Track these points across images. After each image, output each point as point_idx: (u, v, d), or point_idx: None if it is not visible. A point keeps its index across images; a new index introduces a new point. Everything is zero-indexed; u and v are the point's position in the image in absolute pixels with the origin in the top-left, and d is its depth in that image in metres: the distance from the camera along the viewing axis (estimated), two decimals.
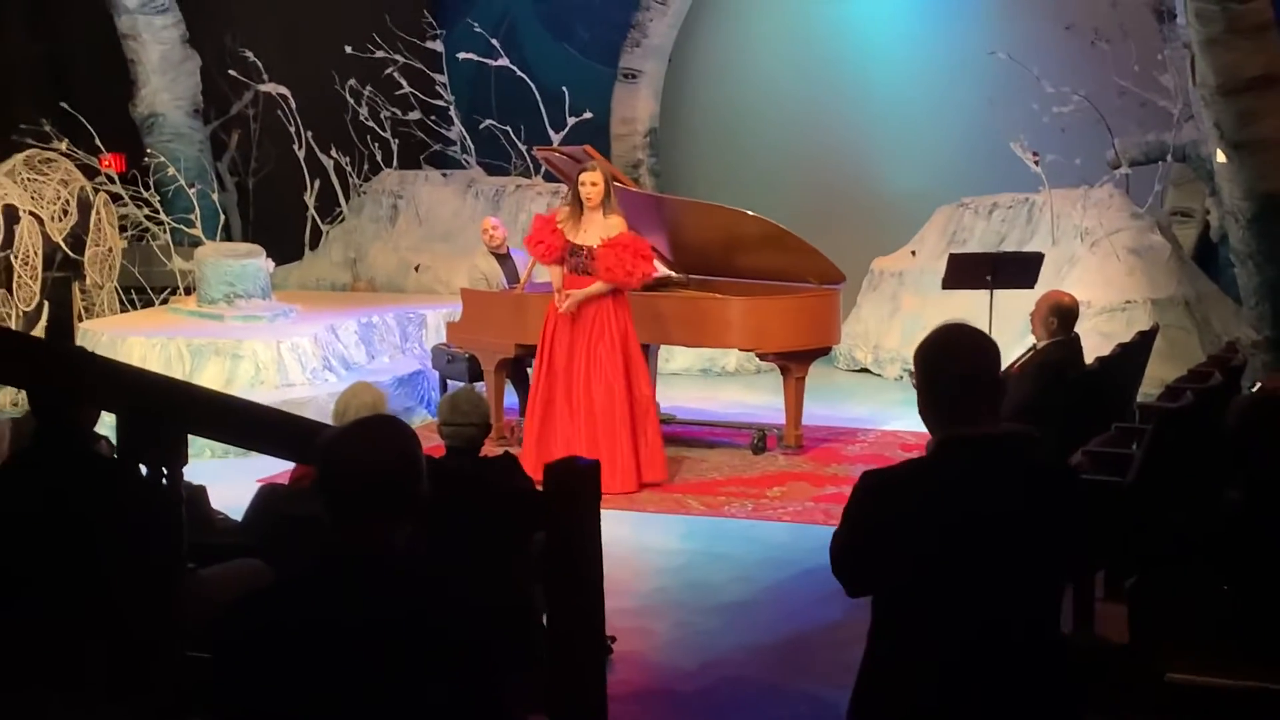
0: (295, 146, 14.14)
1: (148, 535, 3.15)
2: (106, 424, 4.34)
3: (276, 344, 10.60)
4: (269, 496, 5.56)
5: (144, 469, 3.19)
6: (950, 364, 3.13)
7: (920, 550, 3.02)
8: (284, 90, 14.08)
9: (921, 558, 3.02)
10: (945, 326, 3.25)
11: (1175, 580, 5.31)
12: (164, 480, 3.06)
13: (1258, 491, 5.62)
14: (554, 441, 8.67)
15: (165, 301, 13.12)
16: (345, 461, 2.72)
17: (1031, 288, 9.66)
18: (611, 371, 8.72)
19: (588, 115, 13.74)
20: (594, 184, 8.69)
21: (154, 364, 10.49)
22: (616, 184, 10.12)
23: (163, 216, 13.79)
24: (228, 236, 14.25)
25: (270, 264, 11.90)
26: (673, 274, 10.65)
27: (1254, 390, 6.20)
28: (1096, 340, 9.95)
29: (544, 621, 4.28)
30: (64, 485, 3.97)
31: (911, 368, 3.44)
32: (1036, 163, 12.23)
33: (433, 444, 9.38)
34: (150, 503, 3.09)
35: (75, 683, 3.31)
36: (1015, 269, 9.87)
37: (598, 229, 8.67)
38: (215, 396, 3.44)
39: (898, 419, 10.97)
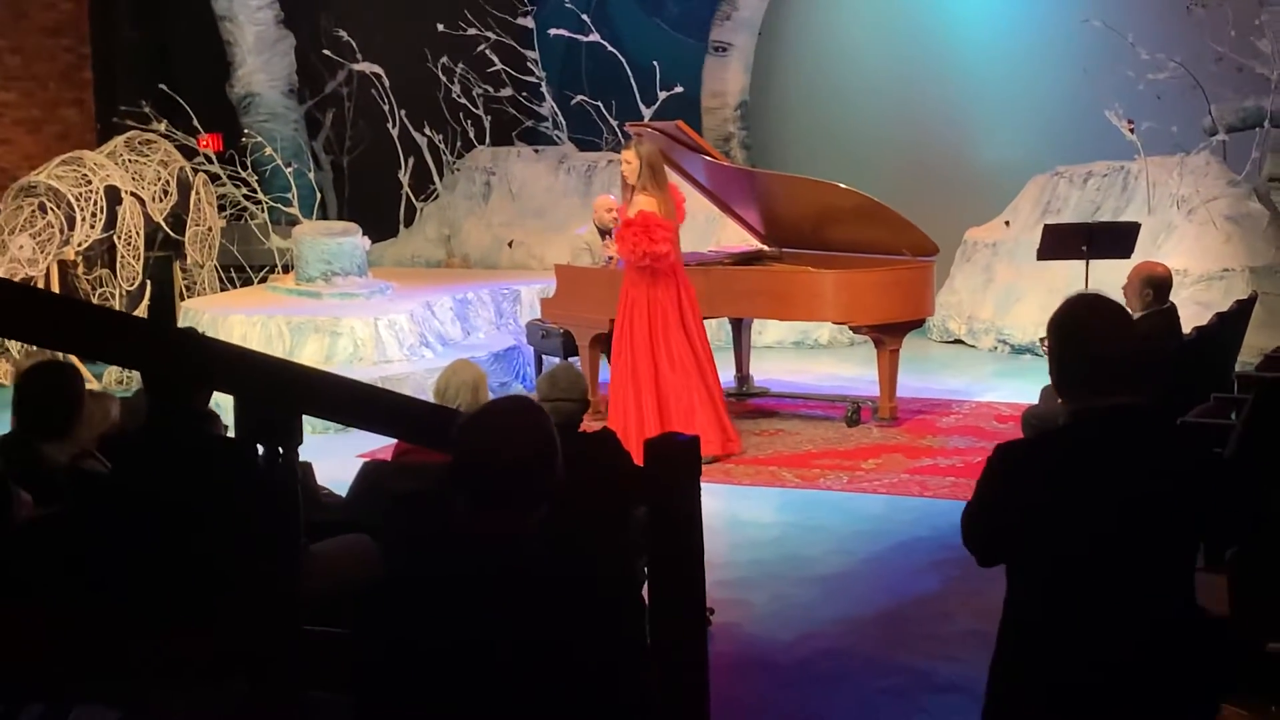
0: (389, 125, 14.29)
1: (267, 514, 3.25)
2: (216, 401, 4.47)
3: (374, 321, 10.75)
4: (373, 473, 5.65)
5: (261, 449, 3.29)
6: (1084, 336, 3.17)
7: (1053, 521, 3.07)
8: (377, 69, 14.23)
9: (1054, 528, 3.07)
10: (1078, 298, 3.29)
11: (1276, 551, 5.30)
12: (281, 460, 3.16)
13: None
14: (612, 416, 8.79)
15: (264, 280, 13.33)
16: (484, 448, 2.77)
17: (1128, 257, 9.59)
18: (639, 351, 8.79)
19: (678, 89, 13.76)
20: (627, 162, 8.77)
21: (254, 342, 10.70)
22: (707, 158, 10.19)
23: (260, 195, 14.01)
24: (324, 215, 14.45)
25: (367, 242, 12.05)
26: (764, 248, 10.68)
27: None
28: (1194, 309, 9.87)
29: (644, 593, 4.35)
30: (182, 464, 4.10)
31: (1044, 336, 3.47)
32: (1132, 130, 12.10)
33: None
34: (269, 482, 3.18)
35: (185, 664, 3.42)
36: (1111, 239, 9.80)
37: (632, 208, 8.75)
38: (328, 378, 3.53)
39: (992, 390, 10.95)
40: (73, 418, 4.69)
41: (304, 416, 3.41)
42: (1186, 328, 8.07)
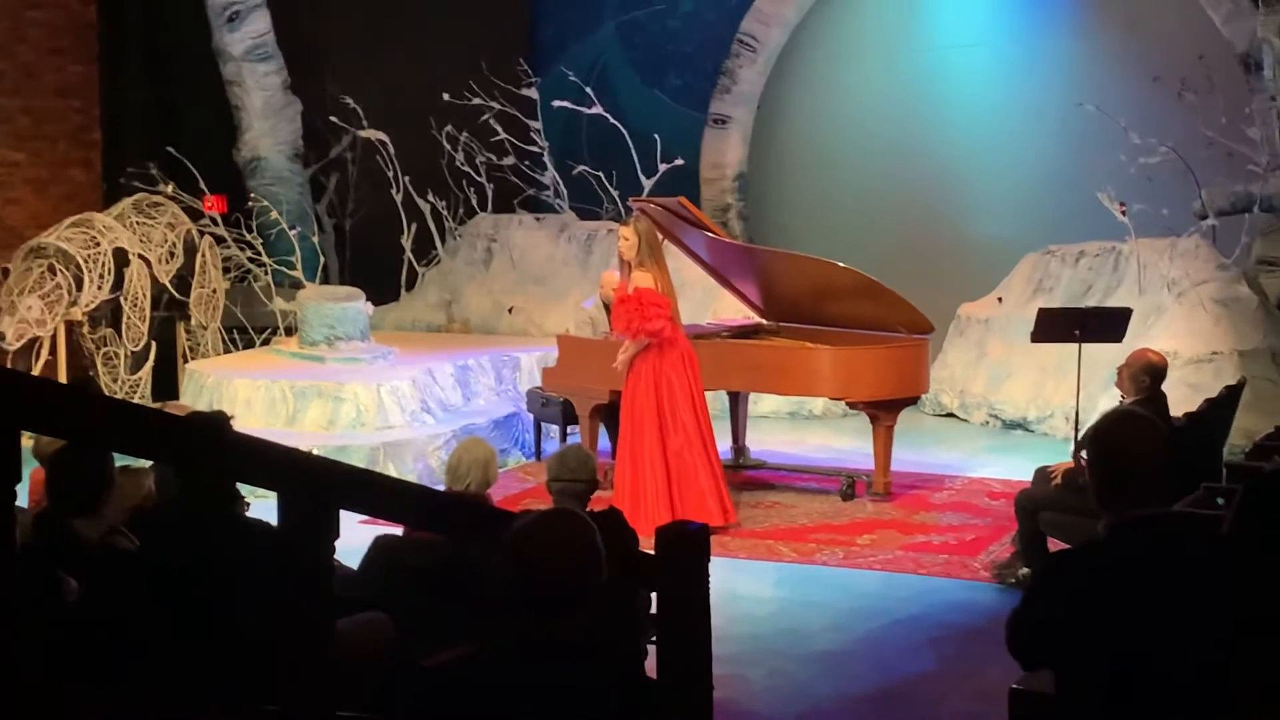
0: (393, 190, 14.50)
1: (302, 602, 3.41)
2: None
3: (377, 387, 10.90)
4: (385, 547, 5.77)
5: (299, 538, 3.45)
6: (1124, 452, 3.38)
7: (1099, 628, 3.25)
8: (383, 136, 14.45)
9: (1100, 635, 3.25)
10: (1115, 414, 3.54)
11: (1265, 641, 5.45)
12: (319, 552, 3.32)
13: None
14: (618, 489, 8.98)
15: (266, 342, 13.48)
16: (539, 558, 2.99)
17: (1119, 342, 9.79)
18: (640, 422, 8.95)
19: (679, 161, 14.00)
20: (625, 239, 8.99)
21: (258, 405, 10.87)
22: (708, 234, 10.40)
23: (264, 258, 14.18)
24: (326, 278, 14.63)
25: (370, 307, 12.22)
26: (763, 322, 10.88)
27: None
28: (1184, 391, 10.04)
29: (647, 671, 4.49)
30: (213, 544, 4.26)
31: (1078, 449, 3.69)
32: (1124, 212, 12.34)
33: (518, 489, 9.69)
34: (305, 573, 3.34)
35: None
36: (1104, 324, 9.99)
37: (631, 284, 8.94)
38: (362, 474, 3.71)
39: (984, 465, 11.12)
40: (103, 495, 4.84)
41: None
42: (1175, 410, 8.23)
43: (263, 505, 4.53)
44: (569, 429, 10.75)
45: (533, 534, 3.05)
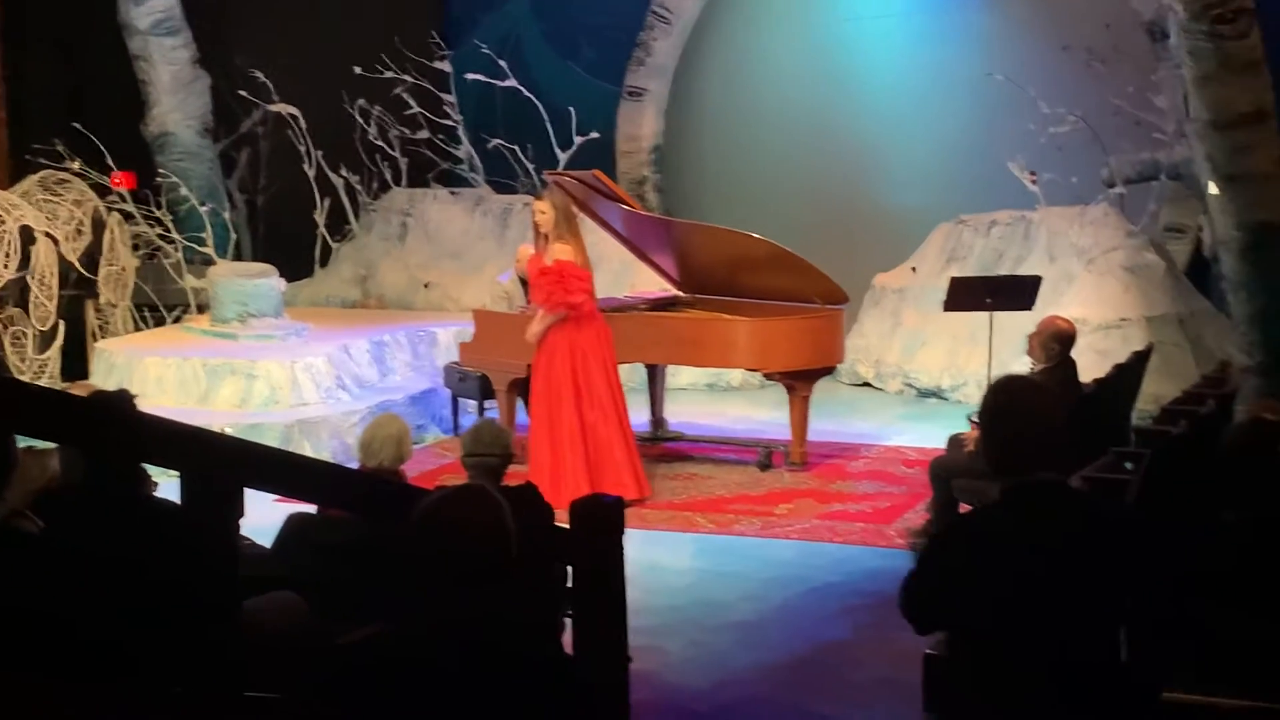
0: (305, 165, 14.36)
1: (205, 582, 3.37)
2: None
3: (291, 364, 10.80)
4: (298, 525, 5.71)
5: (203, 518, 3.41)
6: (1014, 417, 3.39)
7: (990, 593, 3.26)
8: (293, 110, 14.31)
9: (991, 600, 3.27)
10: (1007, 381, 3.53)
11: (1172, 602, 5.54)
12: (224, 532, 3.29)
13: (1253, 514, 5.85)
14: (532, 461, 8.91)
15: (178, 320, 13.34)
16: (446, 536, 2.96)
17: (1030, 309, 9.91)
18: (556, 396, 8.94)
19: (594, 134, 13.97)
20: (542, 212, 8.94)
21: (170, 384, 10.74)
22: (624, 207, 10.38)
23: (174, 235, 14.00)
24: (238, 254, 14.47)
25: (282, 283, 12.10)
26: (679, 294, 10.89)
27: (1245, 418, 6.41)
28: (1093, 358, 10.17)
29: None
30: (118, 525, 4.20)
31: (972, 415, 3.70)
32: (1034, 181, 12.46)
33: (435, 465, 9.66)
34: (208, 551, 3.31)
35: None
36: (1014, 291, 10.10)
37: (548, 256, 8.91)
38: (268, 452, 3.67)
39: (899, 434, 11.21)
40: (5, 477, 4.74)
41: None
42: (1085, 376, 8.34)
43: (172, 485, 4.48)
44: (486, 404, 10.71)
45: (439, 512, 3.03)
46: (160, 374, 10.85)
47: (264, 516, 5.67)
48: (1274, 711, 5.12)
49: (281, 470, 3.48)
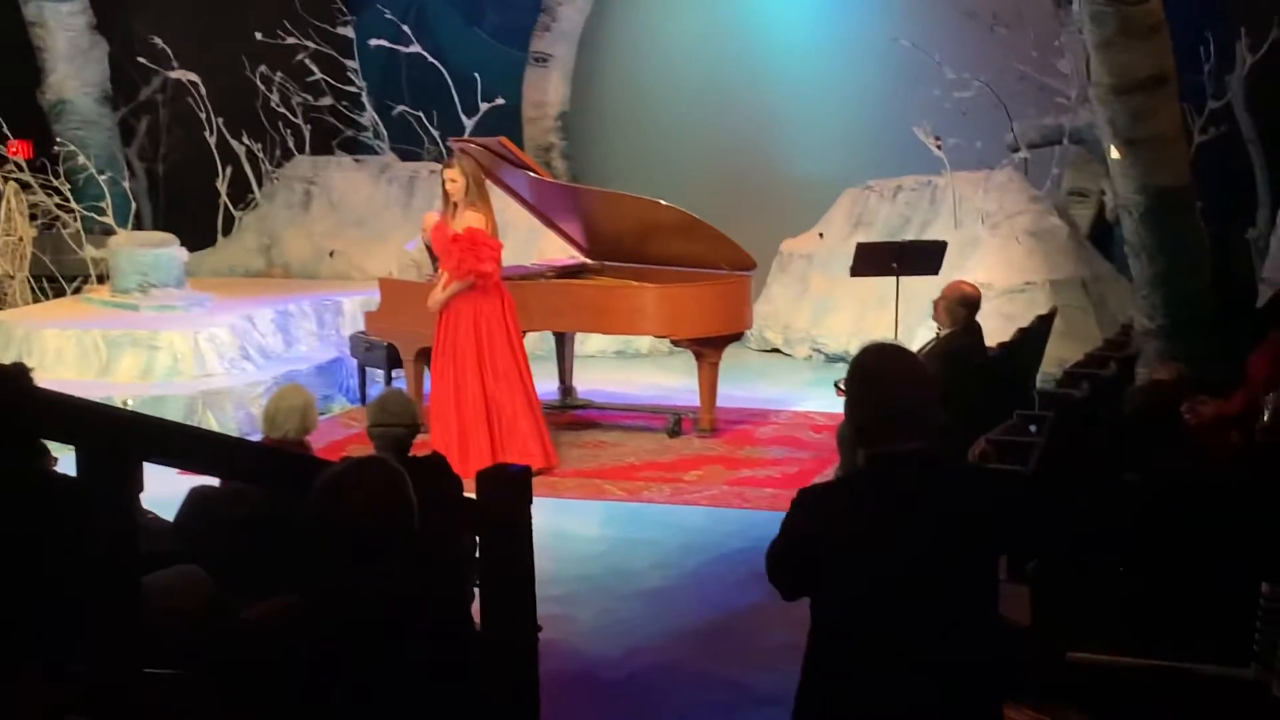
0: (206, 133, 14.14)
1: (106, 557, 3.31)
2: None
3: (194, 335, 10.66)
4: (201, 498, 5.64)
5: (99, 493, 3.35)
6: (881, 385, 3.33)
7: (853, 561, 3.24)
8: (194, 77, 14.07)
9: (854, 568, 3.24)
10: (875, 348, 3.44)
11: (1075, 563, 5.61)
12: (121, 507, 3.23)
13: (1153, 476, 5.95)
14: (433, 431, 8.84)
15: (78, 291, 13.10)
16: (346, 508, 2.92)
17: (936, 274, 9.98)
18: (462, 365, 8.89)
19: (500, 101, 13.87)
20: (452, 180, 8.86)
21: (70, 356, 10.56)
22: (531, 174, 10.32)
23: (73, 204, 13.74)
24: (138, 223, 14.25)
25: (184, 252, 11.93)
26: (587, 261, 10.85)
27: (1146, 381, 6.51)
28: (998, 321, 10.27)
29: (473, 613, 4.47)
30: (17, 501, 4.11)
31: (839, 382, 3.65)
32: (939, 147, 12.54)
33: (342, 435, 9.58)
34: (109, 528, 3.25)
35: (25, 706, 3.46)
36: (920, 256, 10.18)
37: (459, 224, 8.85)
38: (166, 425, 3.61)
39: (808, 399, 11.26)
40: None
41: None
42: (990, 340, 8.42)
43: (71, 460, 4.40)
44: (393, 373, 10.63)
45: (338, 484, 2.99)
46: (60, 346, 10.67)
47: (167, 489, 5.60)
48: (1176, 669, 5.21)
49: (182, 443, 3.42)
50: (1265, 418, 5.21)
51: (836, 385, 7.94)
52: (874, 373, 3.36)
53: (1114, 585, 5.55)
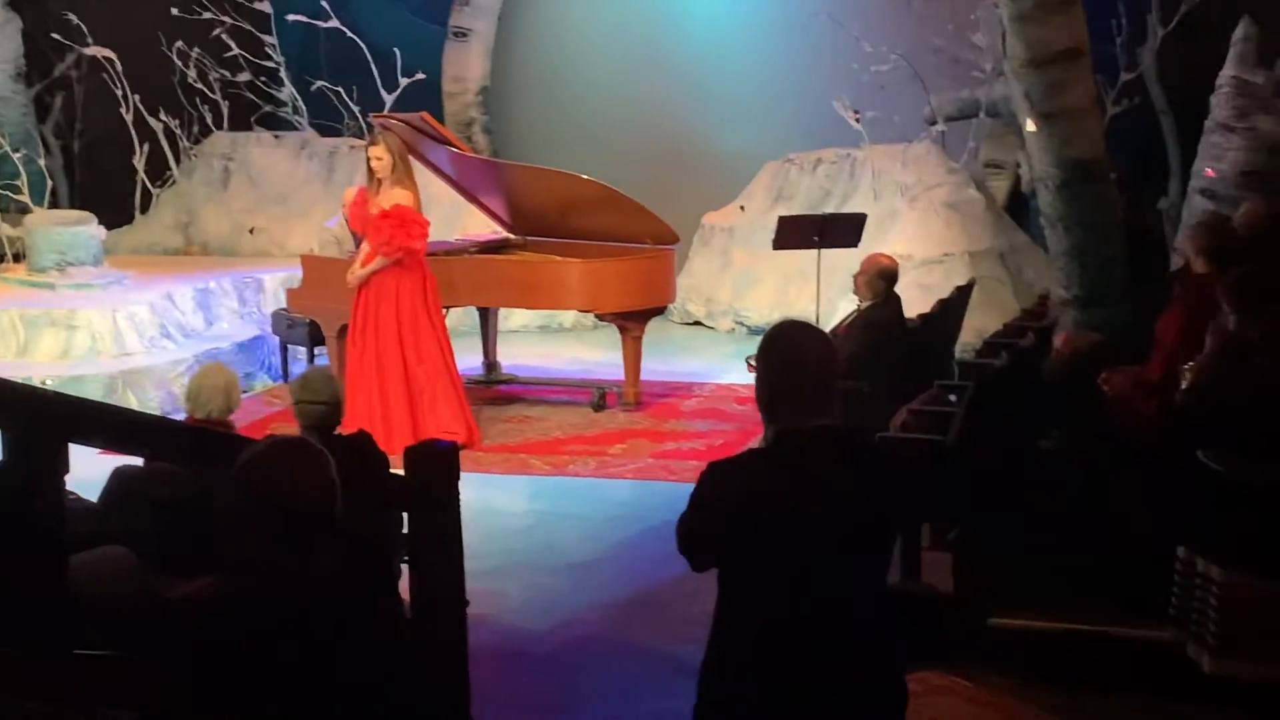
0: (122, 110, 13.97)
1: (31, 539, 3.31)
2: None
3: (112, 313, 10.54)
4: (125, 479, 5.60)
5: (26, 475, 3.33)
6: (790, 362, 3.38)
7: (760, 534, 3.29)
8: (109, 53, 13.89)
9: (761, 540, 3.29)
10: (787, 325, 3.48)
11: (996, 530, 5.71)
12: (48, 488, 3.22)
13: (1070, 443, 6.05)
14: (352, 408, 8.80)
15: None
16: (273, 489, 2.92)
17: (856, 246, 10.06)
18: (384, 342, 8.87)
19: (420, 76, 13.80)
20: (378, 158, 8.83)
21: None
22: (453, 149, 10.30)
23: None
24: (55, 202, 14.04)
25: (102, 230, 11.80)
26: (510, 236, 10.84)
27: (1064, 350, 6.61)
28: (917, 293, 10.37)
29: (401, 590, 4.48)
30: None
31: (750, 358, 3.69)
32: (858, 120, 12.62)
33: (265, 413, 9.54)
34: (36, 509, 3.24)
35: None
36: (841, 229, 10.25)
37: (384, 200, 8.82)
38: (95, 408, 3.59)
39: (731, 372, 11.31)
40: None
41: None
42: (910, 311, 8.51)
43: None
44: (316, 350, 10.58)
45: (258, 464, 2.99)
46: None
47: (89, 470, 5.57)
48: (1094, 633, 5.31)
49: (109, 423, 3.41)
50: (1184, 385, 5.31)
51: (748, 361, 8.04)
52: (783, 350, 3.41)
53: (1034, 551, 5.65)
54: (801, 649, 3.32)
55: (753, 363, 3.52)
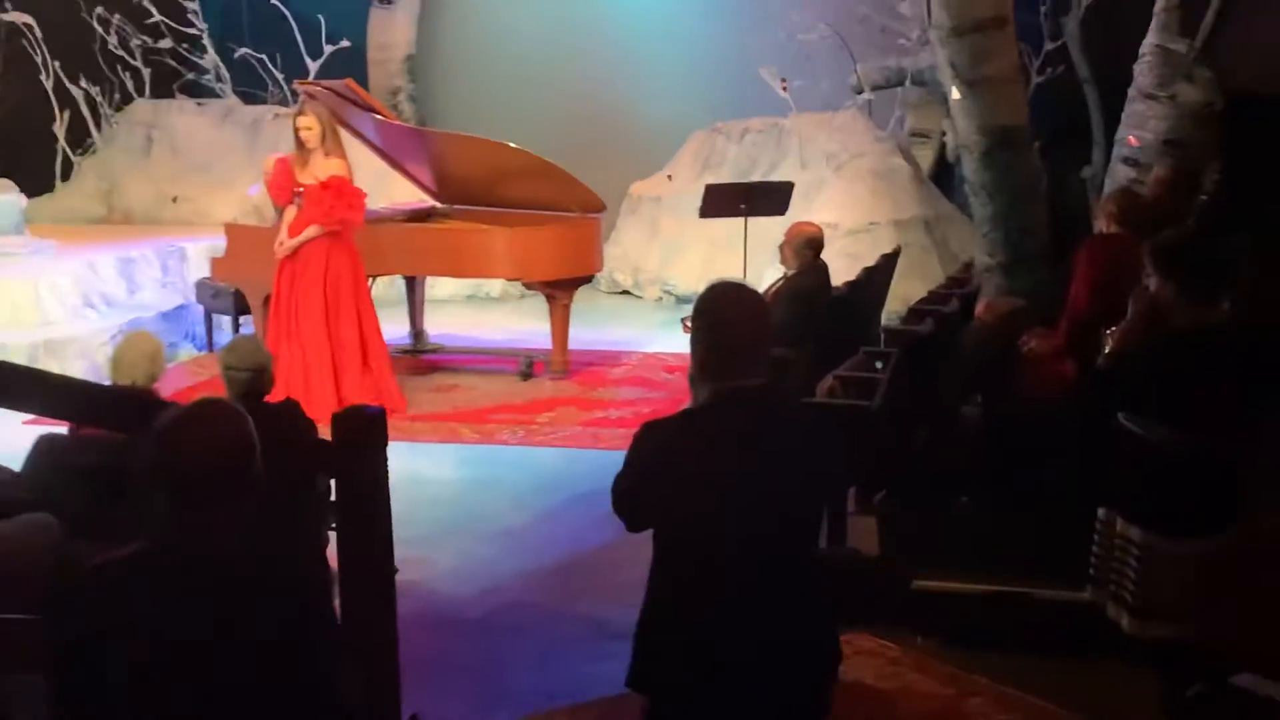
0: (42, 77, 13.78)
1: None
2: None
3: (34, 282, 10.43)
4: (51, 447, 5.56)
5: None
6: (725, 324, 3.41)
7: (694, 493, 3.32)
8: (28, 19, 13.69)
9: (695, 499, 3.32)
10: (720, 286, 3.51)
11: (919, 494, 5.78)
12: None
13: (991, 407, 6.13)
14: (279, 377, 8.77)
15: None
16: (189, 450, 2.90)
17: (783, 214, 10.11)
18: (312, 311, 8.84)
19: (345, 43, 13.71)
20: (308, 128, 8.78)
21: None
22: (377, 116, 10.24)
23: None
24: None
25: (22, 199, 11.66)
26: (436, 205, 10.81)
27: (985, 316, 6.68)
28: (844, 261, 10.44)
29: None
30: None
31: (685, 318, 3.72)
32: (785, 89, 12.67)
33: (190, 383, 9.48)
34: None
35: None
36: (768, 197, 10.29)
37: (316, 170, 8.78)
38: (21, 370, 3.56)
39: (659, 341, 11.37)
40: None
41: None
42: (837, 279, 8.57)
43: None
44: (241, 319, 10.52)
45: (177, 427, 2.97)
46: None
47: (12, 440, 5.52)
48: (1015, 594, 5.39)
49: (32, 387, 3.38)
50: (1106, 349, 5.38)
51: (683, 322, 8.07)
52: (719, 310, 3.44)
53: (957, 515, 5.73)
54: (736, 608, 3.35)
55: (688, 323, 3.55)
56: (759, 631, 3.38)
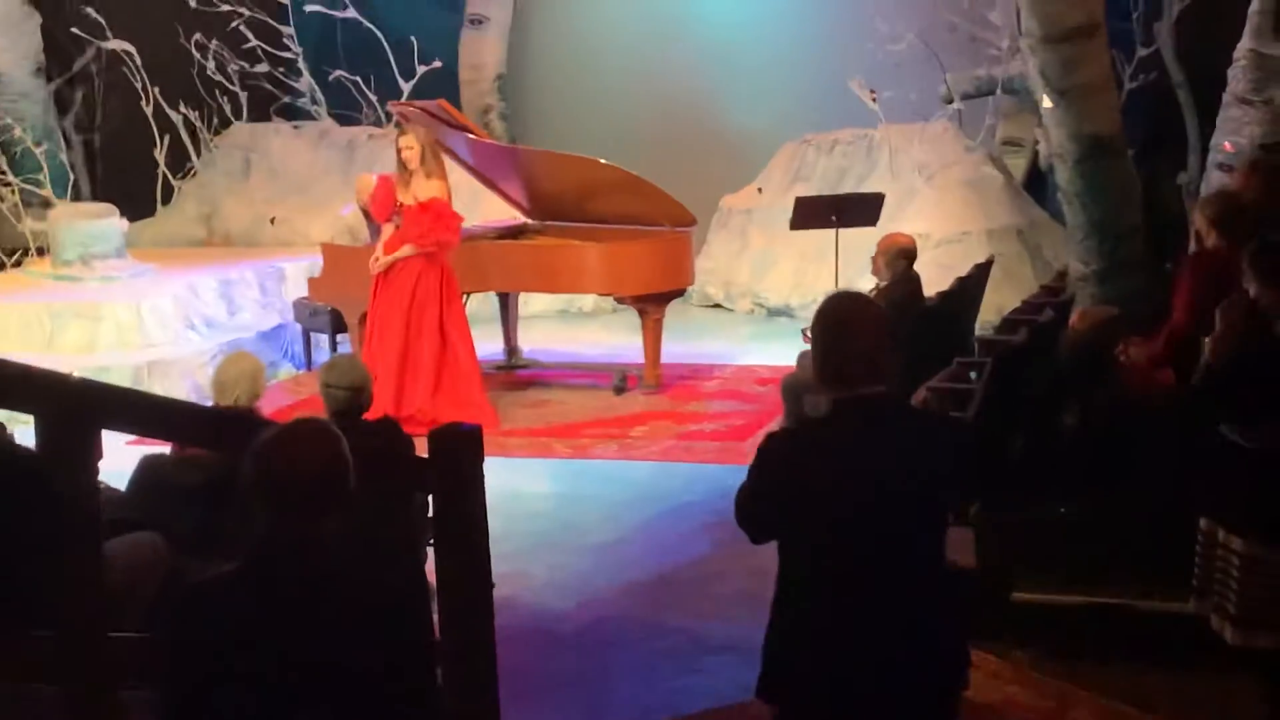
0: (142, 103, 14.04)
1: (67, 526, 3.36)
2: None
3: (137, 305, 10.64)
4: (154, 467, 5.68)
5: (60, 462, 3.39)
6: (845, 333, 3.45)
7: (821, 502, 3.35)
8: (128, 47, 13.96)
9: (823, 509, 3.36)
10: (841, 297, 3.58)
11: (1017, 505, 5.74)
12: (82, 474, 3.28)
13: (1089, 418, 6.08)
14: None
15: (18, 264, 12.99)
16: (284, 466, 2.97)
17: (874, 225, 10.08)
18: (391, 326, 8.94)
19: (437, 64, 13.85)
20: (408, 148, 8.91)
21: (13, 330, 10.51)
22: (470, 136, 10.35)
23: (10, 177, 13.62)
24: (77, 195, 14.12)
25: (124, 223, 11.89)
26: (529, 221, 10.89)
27: (1082, 325, 6.63)
28: (936, 271, 10.37)
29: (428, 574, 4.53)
30: None
31: (806, 329, 3.74)
32: (874, 100, 12.63)
33: (289, 401, 9.61)
34: (70, 496, 3.30)
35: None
36: (858, 209, 10.27)
37: (417, 190, 8.89)
38: (126, 395, 3.65)
39: (750, 353, 11.37)
40: None
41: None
42: (929, 290, 8.53)
43: (27, 431, 4.43)
44: (338, 337, 10.66)
45: (272, 445, 3.03)
46: (3, 320, 10.61)
47: (115, 460, 5.63)
48: (1116, 606, 5.35)
49: (137, 409, 3.46)
50: (1205, 356, 5.33)
51: (803, 332, 8.08)
52: (840, 319, 3.48)
53: (1055, 526, 5.68)
54: (864, 618, 3.38)
55: (809, 333, 3.59)
56: (890, 640, 3.40)
